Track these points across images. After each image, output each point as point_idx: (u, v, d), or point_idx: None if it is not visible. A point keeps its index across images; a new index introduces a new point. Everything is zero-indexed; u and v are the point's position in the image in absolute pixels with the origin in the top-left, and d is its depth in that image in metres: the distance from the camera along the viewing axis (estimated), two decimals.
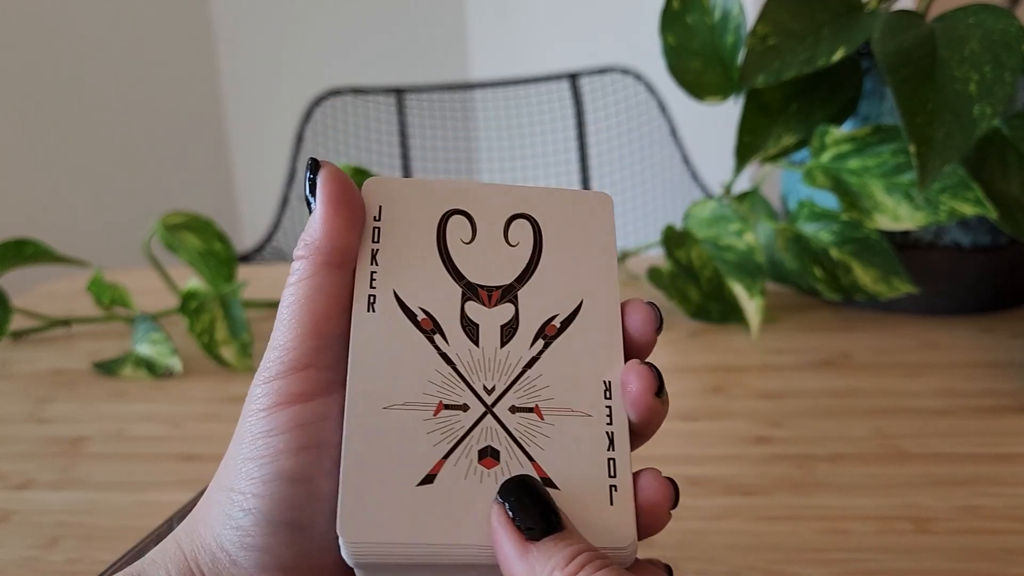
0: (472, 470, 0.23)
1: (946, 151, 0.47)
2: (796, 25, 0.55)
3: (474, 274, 0.25)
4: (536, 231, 0.26)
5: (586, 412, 0.24)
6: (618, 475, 0.23)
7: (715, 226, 0.60)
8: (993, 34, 0.49)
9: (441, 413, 0.23)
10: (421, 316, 0.24)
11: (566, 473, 0.23)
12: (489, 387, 0.24)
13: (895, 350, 0.55)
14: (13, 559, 0.37)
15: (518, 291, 0.25)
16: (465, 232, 0.26)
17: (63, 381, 0.58)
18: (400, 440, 0.23)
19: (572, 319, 0.25)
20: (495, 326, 0.25)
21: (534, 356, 0.24)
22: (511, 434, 0.23)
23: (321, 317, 0.23)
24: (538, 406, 0.24)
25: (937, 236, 0.58)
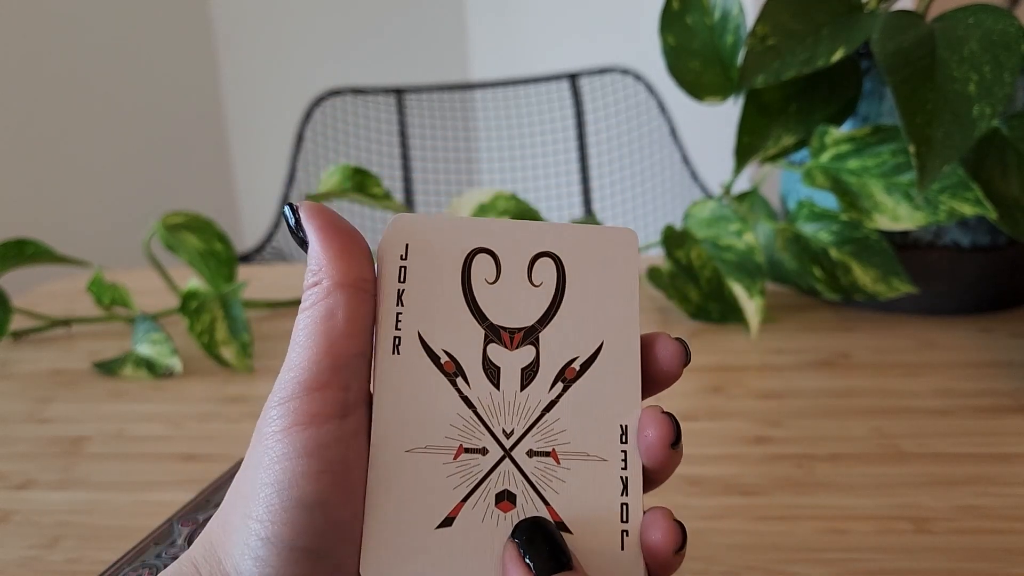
0: (489, 513, 0.23)
1: (945, 151, 0.47)
2: (795, 25, 0.55)
3: (497, 315, 0.25)
4: (560, 270, 0.26)
5: (601, 457, 0.24)
6: (630, 520, 0.24)
7: (715, 226, 0.60)
8: (992, 34, 0.49)
9: (461, 456, 0.24)
10: (444, 359, 0.25)
11: (580, 517, 0.24)
12: (508, 431, 0.24)
13: (894, 350, 0.55)
14: (13, 559, 0.37)
15: (540, 333, 0.25)
16: (490, 272, 0.26)
17: (63, 381, 0.58)
18: (421, 483, 0.23)
19: (592, 361, 0.25)
20: (516, 369, 0.25)
21: (553, 400, 0.25)
22: (528, 478, 0.24)
23: (336, 337, 0.23)
24: (555, 450, 0.24)
25: (936, 236, 0.58)
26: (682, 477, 0.41)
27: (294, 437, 0.22)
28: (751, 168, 1.20)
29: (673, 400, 0.50)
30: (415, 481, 0.23)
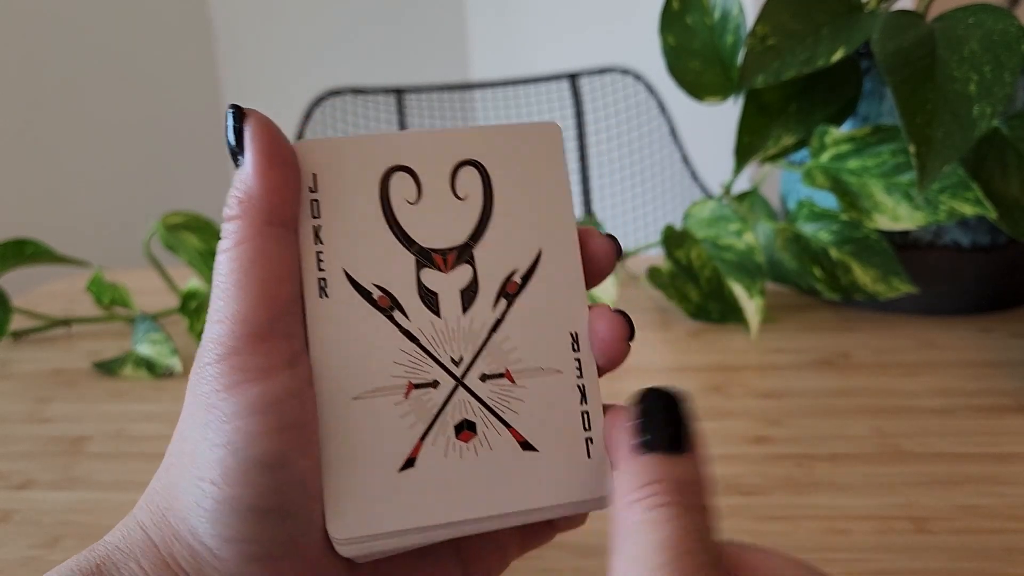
0: (451, 447, 0.23)
1: (945, 151, 0.47)
2: (795, 25, 0.55)
3: (425, 238, 0.24)
4: (484, 178, 0.24)
5: (556, 369, 0.23)
6: (592, 427, 0.23)
7: (715, 226, 0.60)
8: (993, 34, 0.49)
9: (412, 394, 0.23)
10: (377, 294, 0.23)
11: (543, 434, 0.23)
12: (456, 358, 0.23)
13: (894, 350, 0.55)
14: (14, 559, 0.37)
15: (473, 249, 0.24)
16: (410, 191, 0.24)
17: (63, 381, 0.58)
18: (375, 429, 0.22)
19: (532, 271, 0.24)
20: (455, 292, 0.23)
21: (498, 318, 0.23)
22: (484, 403, 0.23)
23: (271, 283, 0.21)
24: (508, 370, 0.23)
25: (936, 236, 0.58)
26: None
27: (244, 394, 0.20)
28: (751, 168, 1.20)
29: None
30: (368, 428, 0.22)
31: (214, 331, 0.21)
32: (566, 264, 0.24)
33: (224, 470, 0.20)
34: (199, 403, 0.21)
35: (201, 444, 0.21)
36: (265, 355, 0.21)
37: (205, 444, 0.21)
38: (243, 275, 0.21)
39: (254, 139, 0.22)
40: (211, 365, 0.21)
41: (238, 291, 0.21)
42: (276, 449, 0.21)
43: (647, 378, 0.53)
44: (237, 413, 0.20)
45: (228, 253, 0.21)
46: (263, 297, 0.21)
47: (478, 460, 0.23)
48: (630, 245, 1.41)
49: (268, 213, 0.22)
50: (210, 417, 0.21)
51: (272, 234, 0.22)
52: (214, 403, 0.21)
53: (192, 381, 0.22)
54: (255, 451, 0.20)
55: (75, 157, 1.60)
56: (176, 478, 0.22)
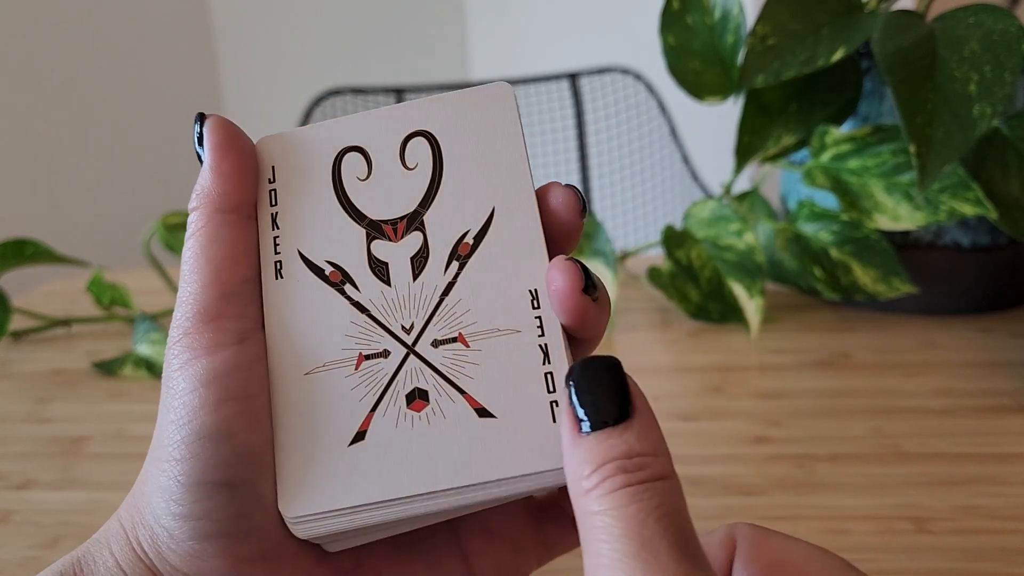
0: (402, 417, 0.22)
1: (946, 151, 0.47)
2: (796, 25, 0.55)
3: (375, 210, 0.24)
4: (434, 146, 0.24)
5: (514, 328, 0.22)
6: (557, 388, 0.22)
7: (715, 226, 0.60)
8: (993, 34, 0.49)
9: (362, 365, 0.22)
10: (329, 270, 0.23)
11: (501, 398, 0.22)
12: (407, 326, 0.22)
13: (895, 350, 0.55)
14: (13, 559, 0.37)
15: (423, 216, 0.23)
16: (360, 168, 0.24)
17: (63, 381, 0.58)
18: (326, 403, 0.22)
19: (485, 231, 0.23)
20: (405, 260, 0.23)
21: (450, 282, 0.23)
22: (437, 370, 0.22)
23: (221, 264, 0.22)
24: (461, 334, 0.22)
25: (937, 236, 0.58)
26: (682, 477, 0.41)
27: (190, 370, 0.21)
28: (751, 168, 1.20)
29: (673, 400, 0.50)
30: (319, 402, 0.22)
31: (175, 315, 0.22)
32: (522, 221, 0.23)
33: (172, 445, 0.21)
34: (164, 389, 0.22)
35: (159, 424, 0.22)
36: (213, 332, 0.22)
37: (161, 423, 0.22)
38: (196, 260, 0.22)
39: (209, 136, 0.23)
40: (170, 347, 0.22)
41: (192, 275, 0.22)
42: (218, 421, 0.21)
43: (647, 378, 0.53)
44: (184, 389, 0.21)
45: (188, 242, 0.23)
46: (213, 279, 0.22)
47: (431, 430, 0.21)
48: (630, 245, 1.41)
49: (220, 201, 0.23)
50: (166, 397, 0.22)
51: (224, 220, 0.23)
52: (169, 384, 0.22)
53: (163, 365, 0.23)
54: (199, 423, 0.21)
55: (75, 157, 1.60)
56: (146, 463, 0.22)
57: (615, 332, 0.61)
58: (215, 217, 0.23)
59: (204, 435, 0.21)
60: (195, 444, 0.21)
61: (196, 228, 0.23)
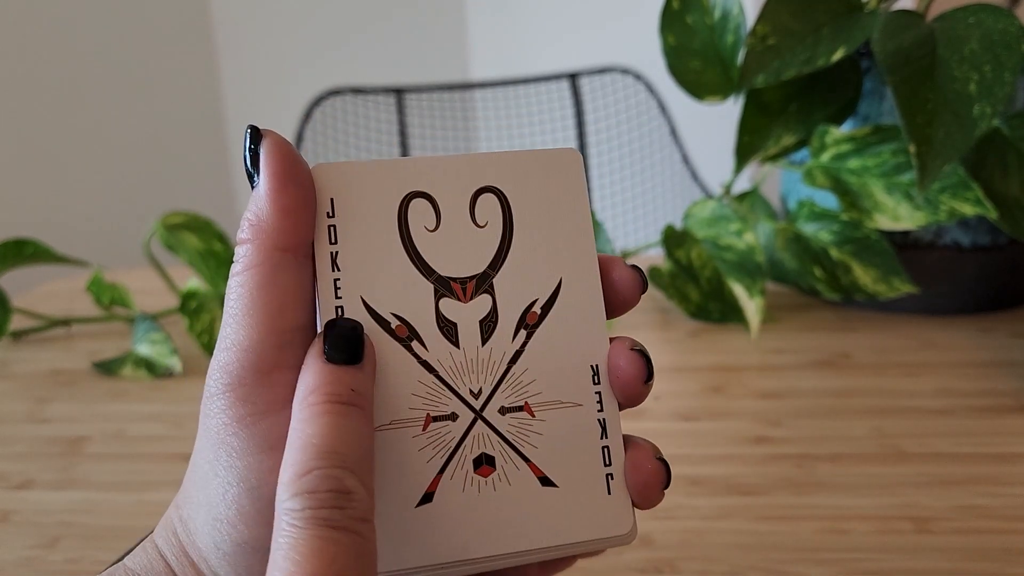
0: (469, 481, 0.22)
1: (946, 151, 0.47)
2: (796, 25, 0.55)
3: (444, 266, 0.23)
4: (504, 205, 0.24)
5: (576, 402, 0.23)
6: (612, 462, 0.23)
7: (715, 226, 0.60)
8: (993, 34, 0.49)
9: (430, 427, 0.22)
10: (395, 323, 0.22)
11: (562, 469, 0.23)
12: (475, 391, 0.23)
13: (895, 350, 0.55)
14: (13, 559, 0.37)
15: (493, 279, 0.23)
16: (429, 218, 0.23)
17: (63, 381, 0.58)
18: (393, 462, 0.22)
19: (553, 301, 0.23)
20: (474, 322, 0.23)
21: (518, 350, 0.23)
22: (504, 437, 0.22)
23: (278, 310, 0.21)
24: (528, 403, 0.23)
25: (937, 236, 0.58)
26: (682, 477, 0.41)
27: (252, 429, 0.20)
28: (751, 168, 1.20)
29: (673, 400, 0.50)
30: (386, 461, 0.22)
31: (220, 359, 0.21)
32: (587, 294, 0.23)
33: (240, 510, 0.20)
34: (210, 436, 0.21)
35: (213, 481, 0.20)
36: (271, 387, 0.20)
37: (217, 482, 0.20)
38: (251, 301, 0.21)
39: (269, 160, 0.21)
40: (218, 396, 0.21)
41: (245, 318, 0.21)
42: None
43: None
44: (248, 450, 0.20)
45: (238, 278, 0.21)
46: (271, 325, 0.21)
47: (497, 495, 0.22)
48: (630, 245, 1.41)
49: (279, 238, 0.21)
50: (220, 453, 0.20)
51: (283, 260, 0.21)
52: (223, 438, 0.20)
53: (202, 411, 0.21)
54: (269, 489, 0.20)
55: (75, 157, 1.60)
56: (194, 513, 0.21)
57: (615, 332, 0.61)
58: (273, 255, 0.21)
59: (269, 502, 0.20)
60: (268, 511, 0.20)
61: (249, 265, 0.21)
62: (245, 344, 0.20)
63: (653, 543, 0.35)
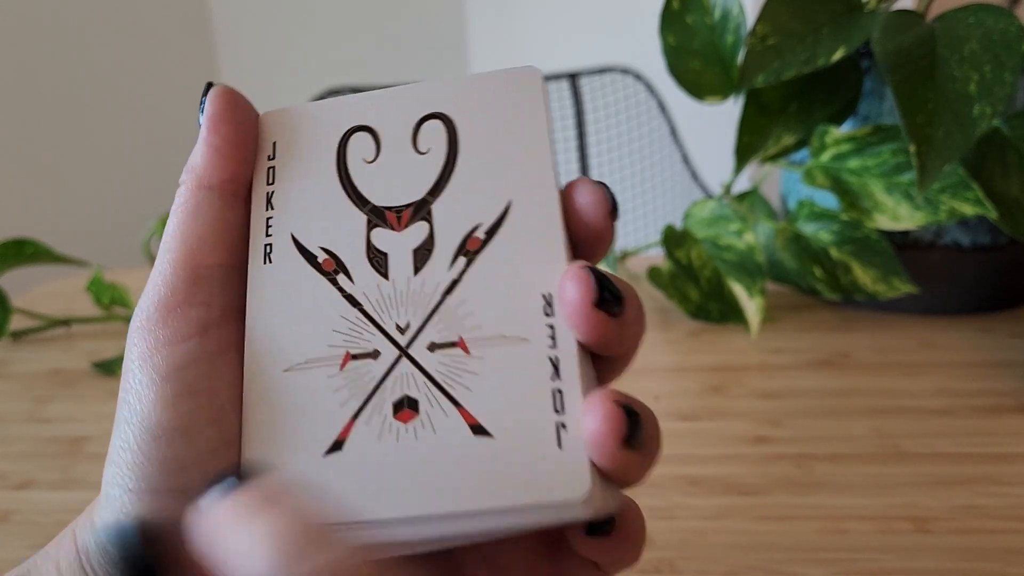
0: (387, 427, 0.19)
1: (946, 151, 0.47)
2: (796, 25, 0.55)
3: (380, 196, 0.22)
4: (450, 130, 0.22)
5: (521, 336, 0.20)
6: (566, 408, 0.19)
7: (715, 226, 0.60)
8: (993, 34, 0.49)
9: (348, 365, 0.20)
10: (322, 257, 0.21)
11: (501, 416, 0.19)
12: (403, 325, 0.20)
13: (895, 350, 0.55)
14: (13, 559, 0.37)
15: (432, 205, 0.21)
16: (368, 150, 0.22)
17: (63, 381, 0.58)
18: (304, 404, 0.20)
19: (499, 226, 0.21)
20: (407, 251, 0.21)
21: (455, 279, 0.20)
22: (431, 377, 0.20)
23: (196, 245, 0.20)
24: (462, 338, 0.20)
25: (937, 236, 0.58)
26: (682, 477, 0.41)
27: (150, 363, 0.19)
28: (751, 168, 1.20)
29: (673, 400, 0.50)
30: (296, 402, 0.20)
31: (141, 297, 0.21)
32: (541, 217, 0.21)
33: (125, 447, 0.19)
34: (121, 378, 0.20)
35: (115, 424, 0.20)
36: (175, 321, 0.20)
37: (117, 423, 0.20)
38: (170, 239, 0.21)
39: (207, 106, 0.21)
40: (130, 335, 0.20)
41: (164, 255, 0.21)
42: (175, 417, 0.19)
43: (647, 378, 0.53)
44: (140, 382, 0.20)
45: (169, 219, 0.21)
46: (185, 260, 0.20)
47: (418, 445, 0.19)
48: (630, 245, 1.40)
49: (205, 175, 0.21)
50: (122, 392, 0.20)
51: (207, 197, 0.21)
52: (126, 376, 0.20)
53: None
54: (152, 420, 0.19)
55: (74, 156, 1.60)
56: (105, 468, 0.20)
57: None
58: (197, 193, 0.21)
59: (159, 433, 0.19)
60: (149, 445, 0.19)
61: (177, 204, 0.21)
62: (158, 279, 0.20)
63: (653, 543, 0.35)
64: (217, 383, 0.20)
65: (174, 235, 0.21)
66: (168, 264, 0.20)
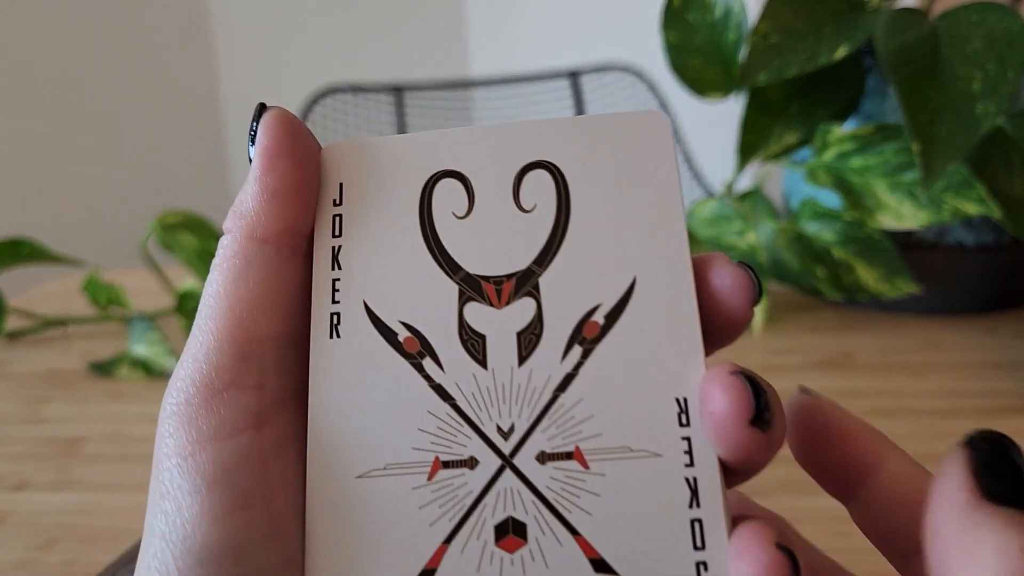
0: (488, 557, 0.16)
1: (949, 149, 0.47)
2: (798, 23, 0.55)
3: (474, 262, 0.18)
4: (560, 184, 0.18)
5: (652, 450, 0.16)
6: (708, 544, 0.15)
7: (717, 226, 0.59)
8: (996, 32, 0.49)
9: (438, 475, 0.16)
10: (404, 335, 0.17)
11: (629, 549, 0.16)
12: (506, 428, 0.17)
13: (898, 350, 0.55)
14: (10, 560, 0.37)
15: (539, 277, 0.17)
16: (459, 202, 0.18)
17: (59, 382, 0.58)
18: (383, 522, 0.16)
19: (622, 309, 0.17)
20: (510, 335, 0.17)
21: (569, 373, 0.17)
22: (542, 496, 0.16)
23: (246, 312, 0.17)
24: (579, 448, 0.16)
25: (940, 236, 0.58)
26: None
27: (192, 463, 0.16)
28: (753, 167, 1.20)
29: None
30: (373, 519, 0.16)
31: (177, 373, 0.17)
32: (673, 299, 0.17)
33: (164, 569, 0.16)
34: (155, 472, 0.17)
35: (148, 528, 0.16)
36: (223, 409, 0.16)
37: (150, 529, 0.16)
38: (216, 303, 0.17)
39: (263, 135, 0.18)
40: (165, 420, 0.17)
41: (207, 322, 0.17)
42: (225, 535, 0.16)
43: None
44: (180, 488, 0.16)
45: (213, 274, 0.18)
46: (234, 331, 0.17)
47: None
48: None
49: (259, 225, 0.17)
50: (153, 493, 0.16)
51: (260, 252, 0.17)
52: (158, 474, 0.16)
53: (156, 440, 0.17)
54: (197, 540, 0.15)
55: (71, 156, 1.60)
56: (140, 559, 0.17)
57: None
58: (248, 247, 0.17)
59: (206, 556, 0.15)
60: (193, 569, 0.15)
61: (223, 259, 0.17)
62: (201, 355, 0.17)
63: None
64: (275, 489, 0.16)
65: (219, 298, 0.17)
66: (212, 336, 0.17)
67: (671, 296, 0.17)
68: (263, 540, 0.16)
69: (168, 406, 0.17)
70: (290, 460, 0.17)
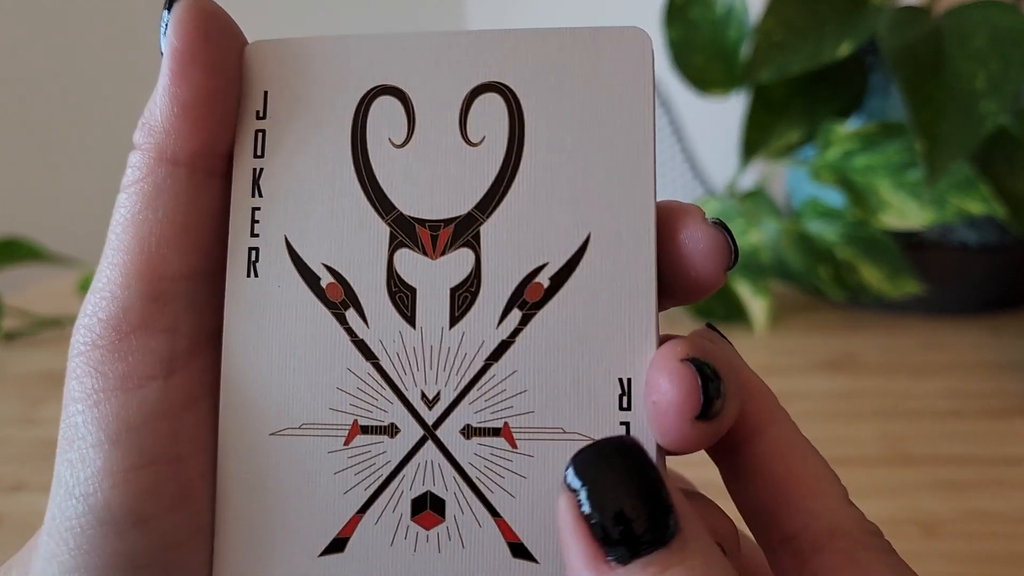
0: (402, 531, 0.15)
1: (953, 148, 0.46)
2: (801, 21, 0.54)
3: (409, 201, 0.16)
4: (514, 113, 0.16)
5: (586, 435, 0.15)
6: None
7: None
8: (1000, 30, 0.49)
9: (356, 440, 0.15)
10: (327, 280, 0.16)
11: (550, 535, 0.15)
12: (431, 395, 0.15)
13: (901, 351, 0.54)
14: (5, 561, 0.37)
15: (480, 226, 0.15)
16: (397, 126, 0.16)
17: (56, 382, 0.57)
18: (295, 486, 0.15)
19: (571, 271, 0.15)
20: (442, 291, 0.15)
21: (504, 340, 0.15)
22: (464, 472, 0.15)
23: (155, 247, 0.15)
24: (508, 425, 0.15)
25: (944, 235, 0.57)
26: None
27: (98, 412, 0.14)
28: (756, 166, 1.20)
29: None
30: (286, 482, 0.15)
31: (83, 306, 0.15)
32: (629, 265, 0.15)
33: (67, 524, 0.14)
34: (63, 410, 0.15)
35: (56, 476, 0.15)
36: (130, 355, 0.15)
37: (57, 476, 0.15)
38: (123, 232, 0.15)
39: (172, 33, 0.15)
40: (72, 359, 0.15)
41: (114, 255, 0.15)
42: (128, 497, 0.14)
43: None
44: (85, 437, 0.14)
45: (119, 196, 0.16)
46: (143, 266, 0.15)
47: (440, 560, 0.15)
48: None
49: (169, 144, 0.15)
50: (61, 436, 0.15)
51: (171, 176, 0.15)
52: (66, 417, 0.15)
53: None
54: (99, 498, 0.14)
55: (68, 155, 1.60)
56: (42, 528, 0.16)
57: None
58: (158, 169, 0.15)
59: (106, 519, 0.14)
60: (94, 530, 0.14)
61: (132, 180, 0.16)
62: (108, 292, 0.15)
63: None
64: (184, 448, 0.15)
65: (126, 227, 0.15)
66: (119, 270, 0.15)
67: (628, 260, 0.15)
68: (170, 506, 0.15)
69: (76, 344, 0.15)
70: (203, 414, 0.15)
